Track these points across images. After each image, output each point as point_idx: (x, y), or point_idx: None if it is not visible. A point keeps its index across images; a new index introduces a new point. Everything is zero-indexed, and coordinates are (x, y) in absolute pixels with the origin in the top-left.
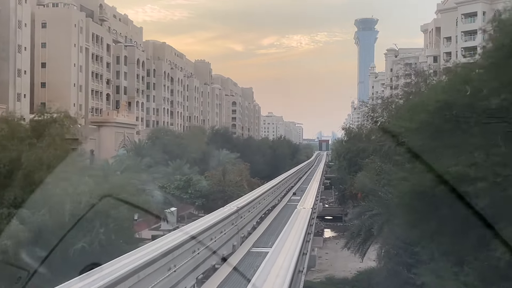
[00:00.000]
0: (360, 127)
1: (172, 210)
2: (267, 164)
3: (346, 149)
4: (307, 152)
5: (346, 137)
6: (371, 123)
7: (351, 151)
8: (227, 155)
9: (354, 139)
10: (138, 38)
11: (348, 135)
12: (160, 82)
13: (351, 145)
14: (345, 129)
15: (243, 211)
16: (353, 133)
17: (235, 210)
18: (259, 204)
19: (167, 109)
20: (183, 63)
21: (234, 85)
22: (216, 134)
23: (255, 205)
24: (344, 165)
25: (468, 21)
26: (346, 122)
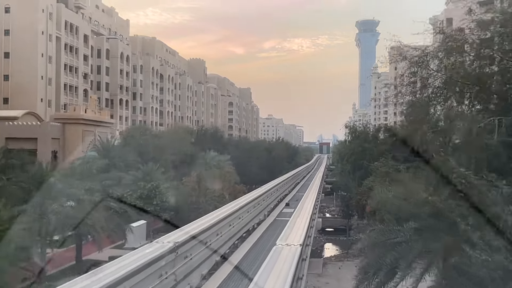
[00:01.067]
0: (366, 125)
1: (140, 224)
2: (261, 167)
3: (350, 150)
4: (306, 155)
5: (350, 137)
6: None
7: (356, 153)
8: (215, 157)
9: (359, 139)
10: (124, 31)
11: (352, 134)
12: (148, 79)
13: (355, 146)
14: (349, 127)
15: (189, 248)
16: (358, 132)
17: (169, 249)
18: (229, 227)
19: (156, 108)
20: (175, 61)
21: (231, 85)
22: (204, 134)
23: (220, 230)
24: (347, 168)
25: (484, 10)
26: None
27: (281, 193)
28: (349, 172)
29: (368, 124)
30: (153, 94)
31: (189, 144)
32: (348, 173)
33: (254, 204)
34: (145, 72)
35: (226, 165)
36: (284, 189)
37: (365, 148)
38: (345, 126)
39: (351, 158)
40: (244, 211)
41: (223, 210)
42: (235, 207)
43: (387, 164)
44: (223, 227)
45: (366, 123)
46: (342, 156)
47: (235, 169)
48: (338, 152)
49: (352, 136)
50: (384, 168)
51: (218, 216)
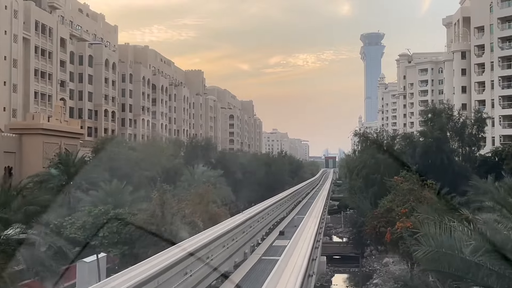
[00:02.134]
0: (380, 132)
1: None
2: (260, 183)
3: (360, 162)
4: (312, 170)
5: (360, 146)
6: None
7: (368, 166)
8: (204, 172)
9: (371, 149)
10: (111, 37)
11: (363, 143)
12: (138, 88)
13: (367, 157)
14: (359, 134)
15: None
16: (370, 140)
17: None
18: (183, 277)
19: (148, 120)
20: (171, 71)
21: (232, 98)
22: (195, 147)
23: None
24: (358, 184)
25: (506, 5)
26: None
27: (276, 216)
28: (360, 189)
29: (382, 131)
30: (144, 105)
31: (172, 157)
32: (359, 190)
33: (234, 234)
34: (135, 82)
35: (218, 181)
36: (281, 210)
37: (378, 159)
38: (354, 134)
39: (362, 172)
40: (218, 246)
41: (184, 246)
42: (204, 240)
43: (410, 179)
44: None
45: (380, 130)
46: (351, 169)
47: (229, 186)
48: (346, 166)
49: (362, 145)
50: (407, 185)
51: (170, 258)
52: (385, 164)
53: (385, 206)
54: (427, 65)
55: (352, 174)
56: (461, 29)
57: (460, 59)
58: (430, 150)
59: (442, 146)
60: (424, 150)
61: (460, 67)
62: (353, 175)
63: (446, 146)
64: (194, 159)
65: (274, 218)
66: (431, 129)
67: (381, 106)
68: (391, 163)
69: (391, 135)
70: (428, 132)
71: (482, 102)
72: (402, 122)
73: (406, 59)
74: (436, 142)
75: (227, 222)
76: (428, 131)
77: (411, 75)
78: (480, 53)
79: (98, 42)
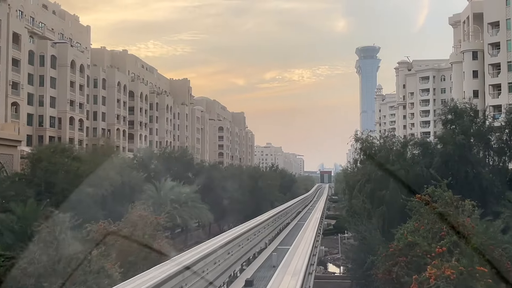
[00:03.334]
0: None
1: None
2: (245, 201)
3: (364, 175)
4: (306, 185)
5: (362, 155)
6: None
7: (374, 180)
8: (173, 188)
9: (377, 158)
10: (82, 38)
11: (366, 151)
12: (112, 95)
13: (372, 169)
14: (361, 140)
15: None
16: (376, 147)
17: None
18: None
19: (124, 130)
20: (153, 79)
21: (223, 109)
22: (168, 159)
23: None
24: (360, 204)
25: None
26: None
27: (250, 249)
28: (364, 210)
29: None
30: (120, 113)
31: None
32: (363, 211)
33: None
34: (109, 87)
35: (192, 199)
36: (259, 238)
37: (388, 171)
38: (355, 139)
39: (366, 188)
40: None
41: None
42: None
43: (441, 198)
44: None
45: (388, 133)
46: (351, 185)
47: (209, 204)
48: (345, 180)
49: (366, 154)
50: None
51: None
52: (396, 177)
53: (404, 239)
54: (428, 73)
55: (352, 191)
56: (472, 27)
57: (471, 60)
58: (451, 159)
59: (467, 155)
60: (443, 159)
61: (471, 69)
62: (354, 191)
63: (472, 155)
64: (166, 173)
65: (246, 253)
66: (452, 133)
67: (378, 118)
68: (403, 177)
69: (402, 141)
70: (449, 137)
71: (498, 108)
72: (402, 134)
73: (406, 66)
74: (459, 150)
75: (164, 267)
76: (448, 136)
77: (411, 83)
78: (495, 52)
79: (63, 41)
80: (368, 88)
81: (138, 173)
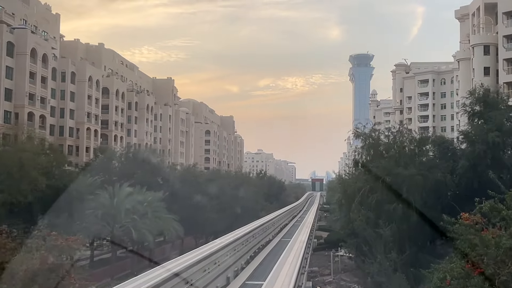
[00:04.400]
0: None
1: None
2: (225, 211)
3: (367, 183)
4: (296, 192)
5: (364, 157)
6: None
7: (380, 188)
8: (130, 196)
9: (385, 160)
10: (50, 27)
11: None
12: (82, 90)
13: (380, 172)
14: (363, 135)
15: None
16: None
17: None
18: None
19: (96, 130)
20: (133, 76)
21: (210, 112)
22: (133, 160)
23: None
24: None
25: None
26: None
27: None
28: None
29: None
30: (91, 111)
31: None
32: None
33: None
34: (79, 82)
35: (155, 207)
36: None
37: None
38: (355, 135)
39: (370, 199)
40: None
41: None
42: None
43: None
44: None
45: (399, 128)
46: (349, 194)
47: (179, 214)
48: (341, 188)
49: (369, 154)
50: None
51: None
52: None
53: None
54: (428, 76)
55: (351, 202)
56: (483, 18)
57: (482, 55)
58: (481, 163)
59: (501, 157)
60: (471, 162)
61: (482, 65)
62: (354, 203)
63: (508, 158)
64: (130, 177)
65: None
66: (482, 129)
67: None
68: (420, 184)
69: (418, 138)
70: (478, 134)
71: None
72: None
73: (403, 69)
74: (491, 151)
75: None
76: (477, 132)
77: (409, 87)
78: (510, 45)
79: (22, 27)
80: (361, 96)
81: (89, 177)
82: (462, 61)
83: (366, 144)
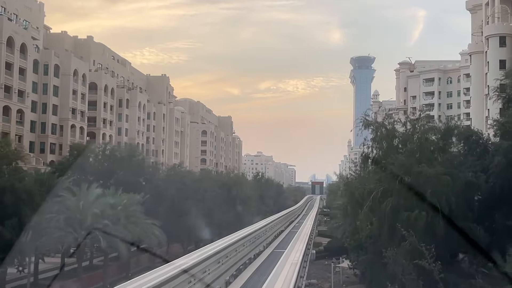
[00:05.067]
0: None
1: None
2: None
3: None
4: (296, 196)
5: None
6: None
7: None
8: (100, 198)
9: (404, 154)
10: (32, 17)
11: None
12: (67, 85)
13: (398, 170)
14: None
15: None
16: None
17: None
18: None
19: (82, 127)
20: (125, 72)
21: (208, 112)
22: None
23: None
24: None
25: None
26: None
27: None
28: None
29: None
30: (77, 107)
31: None
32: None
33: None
34: (63, 76)
35: (131, 212)
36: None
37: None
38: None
39: (384, 205)
40: None
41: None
42: None
43: None
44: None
45: (420, 112)
46: (357, 199)
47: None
48: (346, 191)
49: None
50: None
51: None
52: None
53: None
54: (433, 74)
55: (358, 208)
56: (498, 7)
57: (498, 47)
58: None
59: None
60: (508, 159)
61: (497, 58)
62: (364, 209)
63: None
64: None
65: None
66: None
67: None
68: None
69: (443, 129)
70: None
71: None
72: None
73: (408, 68)
74: None
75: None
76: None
77: (414, 86)
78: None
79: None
80: (362, 99)
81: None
82: (474, 55)
83: (377, 135)
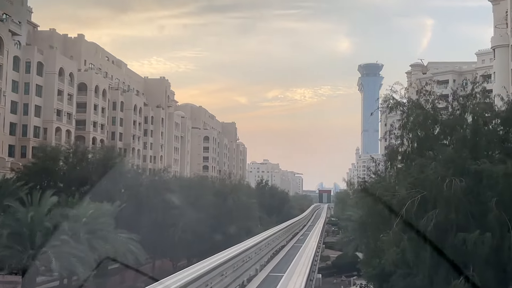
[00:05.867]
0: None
1: None
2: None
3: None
4: (302, 205)
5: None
6: None
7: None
8: (56, 209)
9: (450, 143)
10: (14, 10)
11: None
12: (51, 85)
13: (442, 170)
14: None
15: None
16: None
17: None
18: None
19: (69, 130)
20: (120, 74)
21: (211, 118)
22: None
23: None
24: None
25: None
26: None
27: None
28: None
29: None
30: (63, 109)
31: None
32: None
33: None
34: (47, 74)
35: (98, 226)
36: None
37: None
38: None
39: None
40: None
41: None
42: None
43: None
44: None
45: (473, 87)
46: (379, 211)
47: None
48: (365, 202)
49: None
50: None
51: None
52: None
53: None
54: (448, 76)
55: (385, 223)
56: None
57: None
58: None
59: None
60: None
61: None
62: (394, 227)
63: None
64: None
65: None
66: None
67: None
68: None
69: (505, 110)
70: None
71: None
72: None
73: (420, 70)
74: None
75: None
76: None
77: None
78: None
79: None
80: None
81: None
82: (498, 48)
83: (409, 120)
